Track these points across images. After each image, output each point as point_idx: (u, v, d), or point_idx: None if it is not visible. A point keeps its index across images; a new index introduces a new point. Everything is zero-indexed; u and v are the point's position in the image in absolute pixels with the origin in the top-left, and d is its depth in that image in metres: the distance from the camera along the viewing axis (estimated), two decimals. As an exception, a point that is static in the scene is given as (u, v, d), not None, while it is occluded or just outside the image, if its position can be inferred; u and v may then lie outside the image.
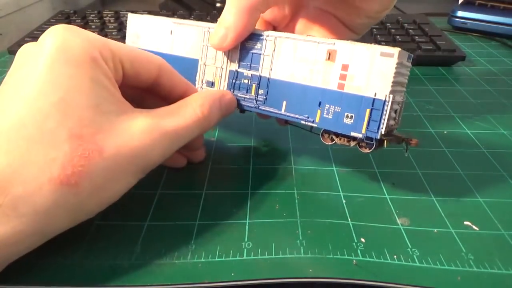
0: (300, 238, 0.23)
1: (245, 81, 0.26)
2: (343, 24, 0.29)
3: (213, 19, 0.56)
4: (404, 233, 0.23)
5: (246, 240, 0.22)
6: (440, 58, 0.47)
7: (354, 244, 0.22)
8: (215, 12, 0.59)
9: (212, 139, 0.32)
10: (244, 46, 0.26)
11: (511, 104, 0.38)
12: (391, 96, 0.21)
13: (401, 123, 0.24)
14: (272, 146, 0.32)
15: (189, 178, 0.28)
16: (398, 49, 0.21)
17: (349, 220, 0.24)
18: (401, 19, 0.55)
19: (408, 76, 0.23)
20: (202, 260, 0.21)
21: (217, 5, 0.70)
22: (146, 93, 0.25)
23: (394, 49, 0.21)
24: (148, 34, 0.30)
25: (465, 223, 0.24)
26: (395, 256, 0.21)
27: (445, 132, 0.34)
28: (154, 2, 0.74)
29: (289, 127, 0.33)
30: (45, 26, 0.53)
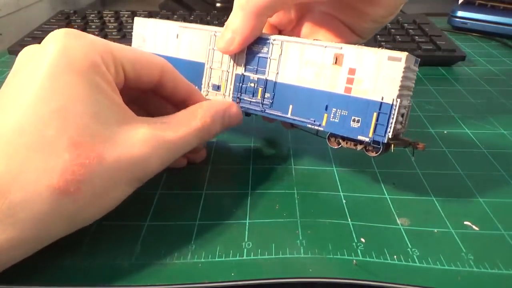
0: (300, 238, 0.23)
1: (251, 85, 0.26)
2: (348, 28, 0.29)
3: (213, 19, 0.56)
4: (404, 233, 0.23)
5: (246, 240, 0.22)
6: (440, 58, 0.47)
7: (354, 244, 0.22)
8: (215, 12, 0.59)
9: (212, 139, 0.32)
10: (250, 50, 0.26)
11: (511, 104, 0.38)
12: (399, 100, 0.21)
13: (408, 128, 0.24)
14: (272, 146, 0.32)
15: (189, 178, 0.28)
16: (406, 53, 0.21)
17: (349, 220, 0.24)
18: (401, 19, 0.55)
19: (415, 80, 0.23)
20: (202, 260, 0.21)
21: (217, 5, 0.70)
22: (149, 94, 0.25)
23: (401, 53, 0.21)
24: (154, 38, 0.30)
25: (465, 223, 0.24)
26: (395, 256, 0.21)
27: (445, 132, 0.34)
28: (154, 2, 0.74)
29: (289, 127, 0.33)
30: (45, 26, 0.53)
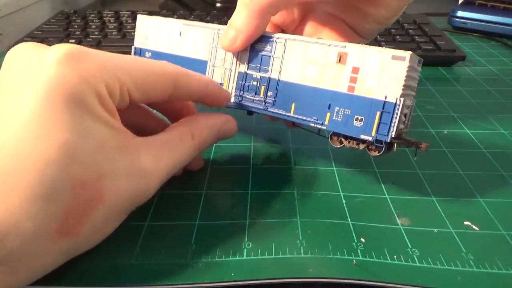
0: (300, 238, 0.23)
1: (254, 83, 0.26)
2: (351, 29, 0.29)
3: (213, 19, 0.56)
4: (404, 233, 0.23)
5: (246, 240, 0.22)
6: (440, 58, 0.47)
7: (354, 244, 0.22)
8: (215, 12, 0.59)
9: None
10: (253, 48, 0.26)
11: (511, 104, 0.38)
12: (402, 99, 0.21)
13: (410, 127, 0.24)
14: (272, 146, 0.32)
15: (189, 178, 0.28)
16: (410, 52, 0.21)
17: (349, 220, 0.24)
18: (401, 19, 0.55)
19: (418, 80, 0.23)
20: (202, 260, 0.21)
21: (217, 5, 0.70)
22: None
23: (406, 53, 0.21)
24: (157, 35, 0.30)
25: (465, 223, 0.24)
26: (395, 256, 0.21)
27: (445, 132, 0.34)
28: (154, 2, 0.74)
29: (289, 127, 0.33)
30: (45, 26, 0.53)
